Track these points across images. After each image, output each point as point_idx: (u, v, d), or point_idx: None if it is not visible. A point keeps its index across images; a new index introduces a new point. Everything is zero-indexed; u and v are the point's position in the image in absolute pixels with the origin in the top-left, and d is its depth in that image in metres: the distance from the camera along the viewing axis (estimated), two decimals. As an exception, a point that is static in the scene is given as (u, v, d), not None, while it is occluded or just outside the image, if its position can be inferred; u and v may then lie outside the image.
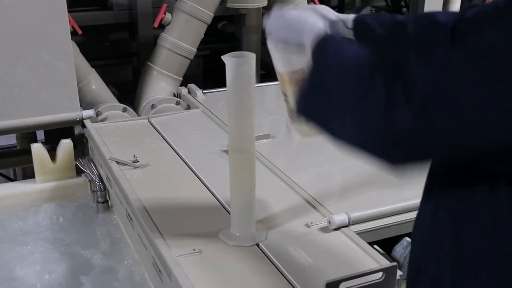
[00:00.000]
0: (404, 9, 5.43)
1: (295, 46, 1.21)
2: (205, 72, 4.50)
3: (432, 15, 1.40)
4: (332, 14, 1.39)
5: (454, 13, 1.38)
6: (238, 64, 1.62)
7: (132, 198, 2.09)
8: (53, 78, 2.81)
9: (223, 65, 1.66)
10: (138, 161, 2.34)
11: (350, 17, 1.53)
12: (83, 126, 2.87)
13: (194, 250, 1.79)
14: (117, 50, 4.43)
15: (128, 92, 3.83)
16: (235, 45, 4.34)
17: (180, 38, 3.29)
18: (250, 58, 1.62)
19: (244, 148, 1.73)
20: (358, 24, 1.50)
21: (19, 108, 2.79)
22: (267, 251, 1.79)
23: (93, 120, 2.88)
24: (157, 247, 1.81)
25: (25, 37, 2.73)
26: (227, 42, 4.49)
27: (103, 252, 2.31)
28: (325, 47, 1.13)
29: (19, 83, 2.78)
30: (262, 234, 1.86)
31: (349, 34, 1.49)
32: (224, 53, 1.64)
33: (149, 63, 3.36)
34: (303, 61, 1.19)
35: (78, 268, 2.23)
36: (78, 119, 2.86)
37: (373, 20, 1.50)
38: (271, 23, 1.35)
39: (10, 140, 3.96)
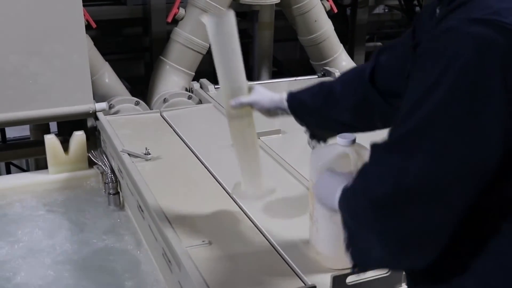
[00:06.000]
0: (417, 8, 5.42)
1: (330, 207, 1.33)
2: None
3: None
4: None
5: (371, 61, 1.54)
6: (217, 25, 1.59)
7: (143, 190, 2.11)
8: (67, 70, 2.85)
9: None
10: (149, 154, 2.37)
11: (283, 96, 1.64)
12: (96, 118, 2.91)
13: (203, 241, 1.81)
14: (130, 45, 4.47)
15: (140, 86, 3.86)
16: (248, 42, 4.36)
17: (193, 33, 3.31)
18: (229, 17, 1.59)
19: (237, 92, 1.67)
20: (291, 101, 1.64)
21: (34, 100, 2.83)
22: (275, 243, 1.81)
23: (105, 112, 2.91)
24: (167, 238, 1.84)
25: (40, 30, 2.77)
26: (240, 38, 4.50)
27: (111, 240, 2.35)
28: (343, 207, 1.24)
29: (34, 75, 2.82)
30: (272, 189, 1.86)
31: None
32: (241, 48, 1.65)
33: (162, 58, 3.39)
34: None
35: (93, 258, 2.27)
36: (91, 112, 2.89)
37: (303, 94, 1.64)
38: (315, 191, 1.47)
39: (24, 131, 4.00)
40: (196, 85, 3.26)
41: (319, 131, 1.70)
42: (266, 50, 3.79)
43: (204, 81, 3.26)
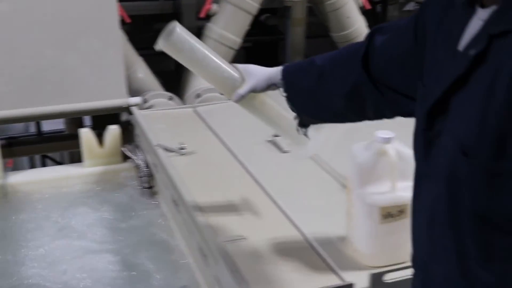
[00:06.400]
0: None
1: None
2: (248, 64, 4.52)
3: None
4: None
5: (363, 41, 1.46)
6: (171, 44, 1.60)
7: (179, 184, 2.13)
8: (102, 65, 2.89)
9: (265, 58, 1.66)
10: (184, 148, 2.39)
11: (278, 69, 1.60)
12: (130, 113, 2.94)
13: (239, 236, 1.82)
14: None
15: (171, 82, 3.89)
16: (278, 38, 4.35)
17: (226, 29, 3.33)
18: (176, 31, 1.60)
19: (230, 84, 1.67)
20: (286, 76, 1.59)
21: (69, 94, 2.88)
22: (311, 239, 1.81)
23: (139, 107, 2.94)
24: (204, 232, 1.85)
25: (76, 25, 2.81)
26: (270, 34, 4.51)
27: (145, 233, 2.38)
28: None
29: (70, 69, 2.86)
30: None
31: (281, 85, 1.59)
32: (267, 45, 1.65)
33: (194, 53, 3.41)
34: None
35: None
36: (125, 106, 2.92)
37: (296, 74, 1.58)
38: None
39: (58, 125, 4.06)
40: (228, 80, 3.26)
41: (308, 118, 1.64)
42: (299, 46, 3.78)
43: (236, 76, 3.27)
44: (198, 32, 3.54)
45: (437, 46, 1.12)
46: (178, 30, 1.61)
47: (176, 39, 1.60)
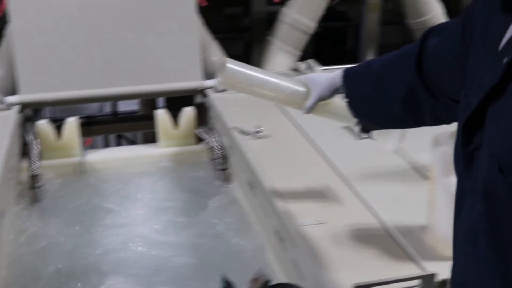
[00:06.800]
0: None
1: None
2: (317, 50, 4.50)
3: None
4: None
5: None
6: (227, 78, 1.70)
7: (255, 167, 2.14)
8: (179, 47, 2.92)
9: (334, 43, 1.66)
10: (260, 132, 2.39)
11: (339, 74, 1.60)
12: (204, 95, 2.96)
13: (318, 221, 1.81)
14: (230, 25, 4.52)
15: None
16: (348, 24, 4.30)
17: (300, 14, 3.30)
18: (228, 68, 1.69)
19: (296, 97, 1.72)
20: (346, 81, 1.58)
21: (146, 75, 2.93)
22: (390, 227, 1.79)
23: (214, 90, 2.96)
24: (281, 216, 1.86)
25: (155, 7, 2.85)
26: (339, 20, 4.46)
27: (218, 215, 2.40)
28: None
29: (147, 51, 2.91)
30: None
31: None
32: (337, 31, 1.66)
33: (268, 38, 3.41)
34: None
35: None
36: (200, 88, 2.95)
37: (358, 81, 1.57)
38: None
39: (131, 106, 4.15)
40: (303, 65, 3.25)
41: (369, 124, 1.62)
42: (373, 33, 3.73)
43: (311, 61, 3.25)
44: (268, 18, 3.53)
45: (479, 52, 1.05)
46: (228, 65, 1.70)
47: (230, 74, 1.70)
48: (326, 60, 3.95)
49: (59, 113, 3.91)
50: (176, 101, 3.25)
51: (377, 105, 1.52)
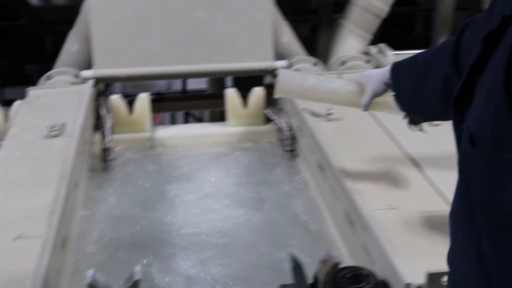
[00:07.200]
0: None
1: None
2: (383, 35, 4.43)
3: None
4: None
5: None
6: (285, 85, 1.78)
7: (326, 150, 2.13)
8: (251, 27, 2.93)
9: (402, 28, 1.64)
10: (332, 114, 2.38)
11: (386, 69, 1.62)
12: (274, 76, 2.96)
13: (390, 206, 1.79)
14: (297, 7, 4.49)
15: (306, 48, 3.89)
16: (417, 9, 4.20)
17: (374, -3, 3.26)
18: (282, 76, 1.79)
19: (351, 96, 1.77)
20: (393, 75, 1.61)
21: (217, 54, 2.95)
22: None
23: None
24: (353, 199, 1.84)
25: (228, -14, 2.86)
26: (408, 5, 4.35)
27: (285, 195, 2.40)
28: None
29: (219, 30, 2.93)
30: None
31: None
32: (405, 16, 1.64)
33: (339, 20, 3.38)
34: None
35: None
36: (271, 69, 2.95)
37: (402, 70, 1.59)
38: None
39: (199, 84, 4.20)
40: (374, 49, 3.21)
41: (416, 117, 1.64)
42: (447, 18, 3.63)
43: (382, 46, 3.20)
44: (336, 1, 3.48)
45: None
46: (281, 75, 1.79)
47: (283, 83, 1.77)
48: (394, 45, 3.89)
49: (129, 89, 3.99)
50: (244, 81, 3.27)
51: (420, 98, 1.54)
